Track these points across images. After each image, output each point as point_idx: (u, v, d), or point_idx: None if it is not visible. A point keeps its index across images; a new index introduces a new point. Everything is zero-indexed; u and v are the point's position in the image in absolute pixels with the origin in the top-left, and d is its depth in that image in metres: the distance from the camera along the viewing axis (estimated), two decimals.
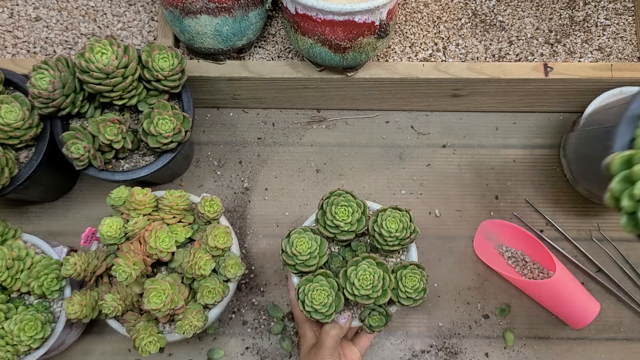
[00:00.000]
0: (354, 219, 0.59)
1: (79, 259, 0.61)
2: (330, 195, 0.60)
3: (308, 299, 0.57)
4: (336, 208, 0.59)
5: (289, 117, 0.86)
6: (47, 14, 0.81)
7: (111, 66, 0.61)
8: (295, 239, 0.59)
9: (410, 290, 0.58)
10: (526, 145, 0.84)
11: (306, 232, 0.59)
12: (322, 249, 0.59)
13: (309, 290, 0.57)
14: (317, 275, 0.59)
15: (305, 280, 0.59)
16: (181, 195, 0.65)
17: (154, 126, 0.64)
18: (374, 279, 0.57)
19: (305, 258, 0.58)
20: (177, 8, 0.68)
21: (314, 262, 0.58)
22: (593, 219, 0.81)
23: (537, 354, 0.76)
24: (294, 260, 0.59)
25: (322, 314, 0.57)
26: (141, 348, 0.61)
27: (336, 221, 0.58)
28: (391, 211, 0.59)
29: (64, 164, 0.70)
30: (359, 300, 0.57)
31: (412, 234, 0.59)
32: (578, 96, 0.79)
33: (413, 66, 0.75)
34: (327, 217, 0.59)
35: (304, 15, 0.64)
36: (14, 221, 0.80)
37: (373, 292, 0.57)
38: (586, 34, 0.82)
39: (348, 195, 0.60)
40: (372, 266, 0.57)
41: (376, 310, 0.60)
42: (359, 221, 0.59)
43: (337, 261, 0.63)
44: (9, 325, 0.61)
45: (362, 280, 0.56)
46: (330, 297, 0.57)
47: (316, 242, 0.59)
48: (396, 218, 0.58)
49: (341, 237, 0.60)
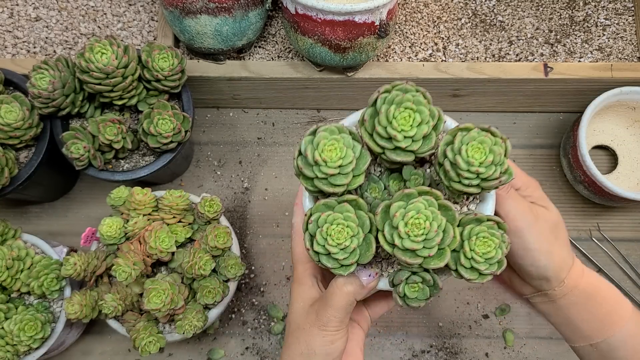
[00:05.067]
0: (420, 133, 0.38)
1: (79, 259, 0.61)
2: (392, 87, 0.39)
3: (322, 234, 0.38)
4: (397, 110, 0.38)
5: (289, 117, 0.86)
6: (47, 14, 0.81)
7: (111, 66, 0.61)
8: (324, 139, 0.38)
9: (480, 257, 0.39)
10: (526, 145, 0.84)
11: (342, 133, 0.39)
12: (361, 165, 0.39)
13: (326, 221, 0.38)
14: (343, 203, 0.39)
15: (323, 205, 0.39)
16: (181, 195, 0.65)
17: (154, 126, 0.64)
18: (431, 227, 0.37)
19: (333, 172, 0.38)
20: (177, 8, 0.68)
21: (344, 180, 0.38)
22: (593, 219, 0.81)
23: (538, 354, 0.76)
24: (315, 171, 0.38)
25: (337, 261, 0.38)
26: (141, 348, 0.61)
27: (392, 130, 0.38)
28: (478, 132, 0.38)
29: (63, 164, 0.70)
30: (399, 256, 0.37)
31: (502, 175, 0.39)
32: (578, 96, 0.79)
33: (413, 66, 0.75)
34: (379, 120, 0.38)
35: (304, 15, 0.64)
36: (14, 221, 0.80)
37: (425, 247, 0.37)
38: (586, 34, 0.82)
39: (419, 94, 0.39)
40: (431, 207, 0.37)
41: (419, 275, 0.40)
42: (427, 138, 0.39)
43: (376, 189, 0.43)
44: (8, 325, 0.61)
45: (413, 226, 0.37)
46: (356, 240, 0.38)
47: (354, 152, 0.38)
48: (485, 145, 0.38)
49: (393, 155, 0.39)
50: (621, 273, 0.79)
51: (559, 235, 0.45)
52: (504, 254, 0.39)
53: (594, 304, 0.45)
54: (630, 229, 0.81)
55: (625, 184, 0.79)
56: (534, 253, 0.44)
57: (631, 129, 0.81)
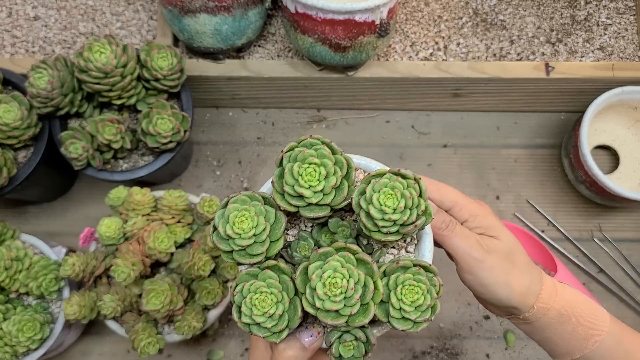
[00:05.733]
0: (328, 185, 0.37)
1: (78, 260, 0.60)
2: (297, 144, 0.39)
3: (247, 304, 0.37)
4: (301, 167, 0.37)
5: (289, 116, 0.85)
6: (46, 13, 0.81)
7: (110, 65, 0.61)
8: (235, 210, 0.38)
9: (409, 306, 0.37)
10: (527, 145, 0.84)
11: (253, 201, 0.39)
12: (277, 230, 0.38)
13: (249, 290, 0.37)
14: (265, 270, 0.38)
15: (246, 274, 0.38)
16: (180, 195, 0.65)
17: (153, 126, 0.64)
18: (348, 285, 0.36)
19: (248, 242, 0.37)
20: (176, 7, 0.68)
21: (260, 249, 0.38)
22: (594, 219, 0.81)
23: (538, 355, 0.76)
24: (231, 244, 0.38)
25: (266, 329, 0.37)
26: (140, 349, 0.61)
27: (299, 187, 0.37)
28: (390, 178, 0.38)
29: (62, 164, 0.69)
30: (322, 318, 0.36)
31: (419, 218, 0.37)
32: (579, 96, 0.79)
33: (414, 65, 0.75)
34: (286, 179, 0.38)
35: (304, 14, 0.64)
36: (13, 221, 0.80)
37: (346, 306, 0.36)
38: (587, 33, 0.81)
39: (323, 146, 0.39)
40: (348, 264, 0.37)
41: (351, 333, 0.39)
42: (339, 189, 0.38)
43: (305, 247, 0.41)
44: (7, 326, 0.61)
45: (331, 286, 0.36)
46: (282, 305, 0.37)
47: (267, 219, 0.38)
48: (396, 190, 0.37)
49: (307, 212, 0.38)
50: (622, 274, 0.79)
51: (517, 262, 0.44)
52: (434, 298, 0.37)
53: (570, 324, 0.44)
54: (632, 229, 0.80)
55: (626, 184, 0.79)
56: (492, 287, 0.43)
57: (633, 129, 0.81)
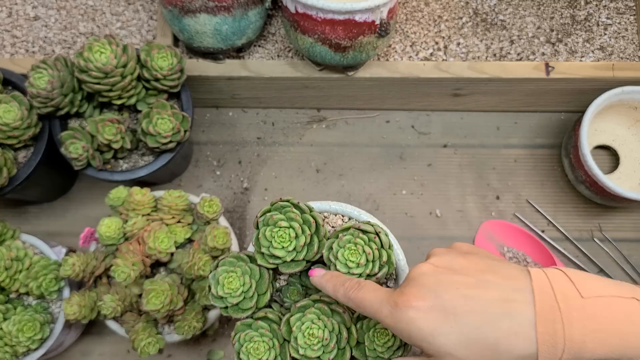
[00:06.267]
0: (299, 244, 0.43)
1: (78, 260, 0.60)
2: (270, 208, 0.45)
3: (244, 352, 0.43)
4: (272, 230, 0.43)
5: (289, 116, 0.85)
6: (46, 13, 0.81)
7: (110, 65, 0.61)
8: (224, 272, 0.44)
9: (381, 347, 0.42)
10: (527, 145, 0.84)
11: (239, 262, 0.45)
12: (262, 285, 0.45)
13: (245, 339, 0.43)
14: (257, 320, 0.44)
15: (242, 325, 0.44)
16: (180, 195, 0.65)
17: (153, 126, 0.64)
18: (323, 335, 0.41)
19: (238, 299, 0.44)
20: (176, 7, 0.68)
21: (250, 304, 0.44)
22: (594, 219, 0.81)
23: None
24: (225, 302, 0.44)
25: None
26: (140, 349, 0.61)
27: (273, 249, 0.43)
28: (353, 233, 0.43)
29: (62, 164, 0.69)
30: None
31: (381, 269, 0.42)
32: (579, 96, 0.79)
33: (414, 65, 0.75)
34: (261, 242, 0.44)
35: (304, 14, 0.64)
36: (13, 221, 0.80)
37: (325, 352, 0.41)
38: (587, 33, 0.81)
39: (291, 208, 0.44)
40: (323, 315, 0.42)
41: None
42: (310, 245, 0.44)
43: (294, 292, 0.47)
44: (7, 326, 0.61)
45: (310, 335, 0.41)
46: (273, 351, 0.42)
47: (252, 277, 0.44)
48: (358, 245, 0.42)
49: (284, 269, 0.44)
50: (623, 274, 0.79)
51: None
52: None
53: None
54: (632, 229, 0.81)
55: (626, 184, 0.79)
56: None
57: (633, 129, 0.81)
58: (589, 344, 0.32)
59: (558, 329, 0.32)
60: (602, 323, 0.32)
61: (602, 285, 0.34)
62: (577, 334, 0.32)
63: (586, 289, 0.34)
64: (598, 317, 0.33)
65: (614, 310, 0.33)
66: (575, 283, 0.34)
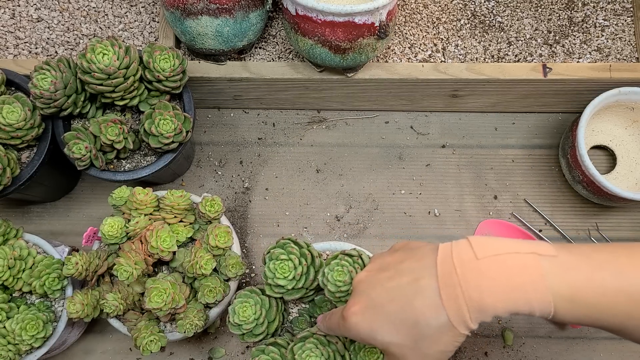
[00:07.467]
0: (297, 273, 0.51)
1: (81, 259, 0.61)
2: (274, 246, 0.54)
3: None
4: (275, 263, 0.52)
5: (290, 117, 0.86)
6: (49, 14, 0.82)
7: (112, 67, 0.61)
8: (239, 303, 0.53)
9: None
10: (525, 145, 0.85)
11: (252, 294, 0.54)
12: (271, 313, 0.53)
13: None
14: (268, 346, 0.52)
15: (256, 350, 0.53)
16: (182, 195, 0.65)
17: (155, 126, 0.65)
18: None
19: (251, 326, 0.52)
20: (178, 9, 0.69)
21: (261, 329, 0.53)
22: (592, 218, 0.82)
23: (536, 353, 0.77)
24: (242, 330, 0.53)
25: None
26: (142, 347, 0.61)
27: (277, 279, 0.52)
28: (340, 258, 0.50)
29: (65, 164, 0.70)
30: None
31: None
32: (577, 96, 0.79)
33: (412, 67, 0.76)
34: (266, 274, 0.53)
35: (304, 16, 0.65)
36: (16, 221, 0.80)
37: None
38: (585, 35, 0.82)
39: (290, 244, 0.53)
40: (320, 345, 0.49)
41: None
42: (306, 274, 0.52)
43: (302, 322, 0.56)
44: (10, 324, 0.61)
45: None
46: None
47: (262, 307, 0.53)
48: (344, 267, 0.49)
49: (287, 296, 0.53)
50: None
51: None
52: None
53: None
54: (629, 228, 0.81)
55: (623, 184, 0.80)
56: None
57: (630, 129, 0.81)
58: (487, 299, 0.33)
59: (458, 292, 0.34)
60: (495, 279, 0.34)
61: (501, 244, 0.35)
62: (474, 292, 0.34)
63: (483, 250, 0.35)
64: (492, 274, 0.34)
65: (510, 266, 0.34)
66: (474, 247, 0.35)
